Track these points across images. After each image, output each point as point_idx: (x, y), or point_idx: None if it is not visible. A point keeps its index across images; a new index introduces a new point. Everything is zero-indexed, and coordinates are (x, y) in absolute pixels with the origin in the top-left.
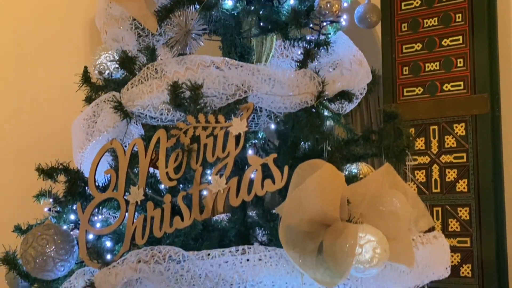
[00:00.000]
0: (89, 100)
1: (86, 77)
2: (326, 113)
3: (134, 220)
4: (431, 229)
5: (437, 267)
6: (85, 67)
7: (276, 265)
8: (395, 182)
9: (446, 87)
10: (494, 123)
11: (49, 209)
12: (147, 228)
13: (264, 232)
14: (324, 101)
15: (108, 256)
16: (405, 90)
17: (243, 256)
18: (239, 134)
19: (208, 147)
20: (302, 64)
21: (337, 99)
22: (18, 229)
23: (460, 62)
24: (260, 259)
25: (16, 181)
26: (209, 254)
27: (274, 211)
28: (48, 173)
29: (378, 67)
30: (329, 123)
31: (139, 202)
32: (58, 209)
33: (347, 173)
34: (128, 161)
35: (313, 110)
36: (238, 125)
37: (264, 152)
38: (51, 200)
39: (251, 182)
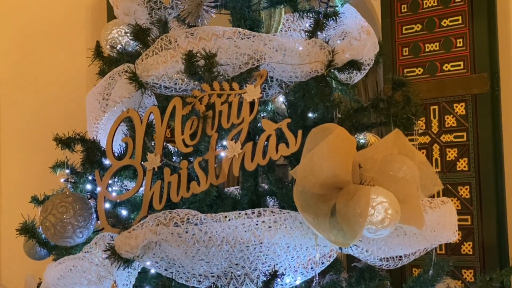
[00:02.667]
0: (102, 73)
1: (98, 52)
2: (334, 84)
3: (152, 186)
4: None
5: (445, 231)
6: (97, 42)
7: (291, 227)
8: (404, 148)
9: (446, 67)
10: (494, 102)
11: (66, 180)
12: (164, 193)
13: (275, 200)
14: (333, 70)
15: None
16: (405, 70)
17: (258, 219)
18: (253, 100)
19: (223, 113)
20: (312, 34)
21: (346, 69)
22: (35, 199)
23: (459, 42)
24: (275, 221)
25: (32, 155)
26: (226, 217)
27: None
28: (65, 142)
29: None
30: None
31: (156, 169)
32: (74, 179)
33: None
34: (145, 129)
35: (323, 78)
36: (252, 92)
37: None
38: (67, 171)
39: (265, 146)
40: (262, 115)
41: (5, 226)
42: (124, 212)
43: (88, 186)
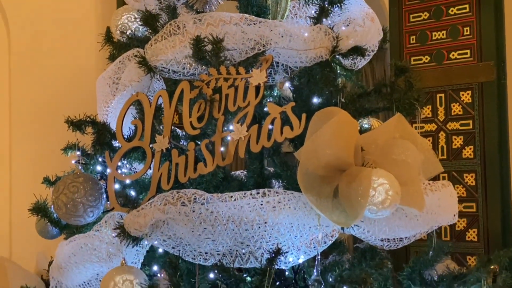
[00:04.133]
0: (112, 58)
1: (108, 37)
2: (339, 71)
3: (160, 168)
4: None
5: (445, 214)
6: (108, 27)
7: (295, 207)
8: (405, 131)
9: (453, 55)
10: (500, 90)
11: (77, 161)
12: (172, 174)
13: (280, 183)
14: (338, 56)
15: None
16: (412, 58)
17: (263, 199)
18: (259, 84)
19: (230, 97)
20: (317, 20)
21: (350, 54)
22: (47, 180)
23: (466, 31)
24: (279, 202)
25: (43, 137)
26: (231, 197)
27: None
28: (77, 124)
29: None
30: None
31: (164, 151)
32: (85, 161)
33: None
34: (154, 111)
35: (328, 64)
36: (257, 76)
37: None
38: (78, 152)
39: (270, 130)
40: (268, 100)
41: (16, 206)
42: (133, 193)
43: (98, 168)
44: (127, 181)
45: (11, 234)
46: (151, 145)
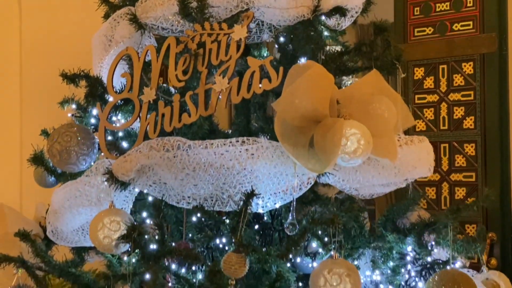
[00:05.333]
0: (107, 16)
1: None
2: (326, 33)
3: (147, 118)
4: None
5: (420, 167)
6: None
7: (272, 155)
8: (381, 87)
9: (456, 26)
10: (502, 62)
11: (72, 115)
12: (158, 123)
13: (266, 138)
14: (321, 16)
15: None
16: (416, 30)
17: (242, 147)
18: (240, 39)
19: (213, 51)
20: None
21: (332, 14)
22: (44, 132)
23: (469, 2)
24: (257, 150)
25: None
26: (212, 144)
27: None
28: (71, 78)
29: (390, 8)
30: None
31: (151, 101)
32: (80, 114)
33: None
34: (142, 65)
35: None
36: (239, 32)
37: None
38: (73, 106)
39: (250, 82)
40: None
41: (26, 177)
42: (125, 145)
43: (92, 121)
44: (120, 134)
45: (22, 204)
46: (139, 97)
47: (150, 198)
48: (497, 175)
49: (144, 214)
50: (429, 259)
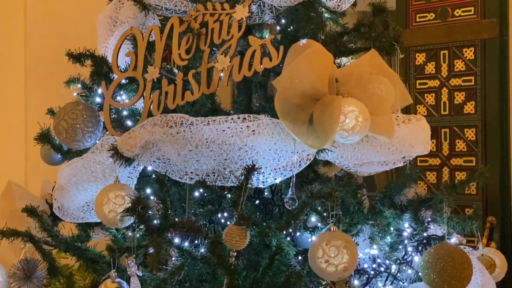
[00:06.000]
0: None
1: None
2: (326, 15)
3: (151, 96)
4: None
5: (418, 145)
6: None
7: (273, 132)
8: (379, 66)
9: (457, 12)
10: (502, 47)
11: (78, 94)
12: (162, 101)
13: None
14: None
15: None
16: (417, 16)
17: (243, 123)
18: (242, 19)
19: (215, 31)
20: None
21: None
22: (50, 111)
23: None
24: (258, 126)
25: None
26: (214, 120)
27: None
28: (76, 57)
29: None
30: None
31: (155, 80)
32: (86, 93)
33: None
34: (146, 44)
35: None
36: (240, 11)
37: None
38: (79, 85)
39: (251, 61)
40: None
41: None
42: (129, 123)
43: (98, 99)
44: (124, 113)
45: (27, 183)
46: (143, 75)
47: (154, 176)
48: (497, 159)
49: (148, 191)
50: (425, 234)
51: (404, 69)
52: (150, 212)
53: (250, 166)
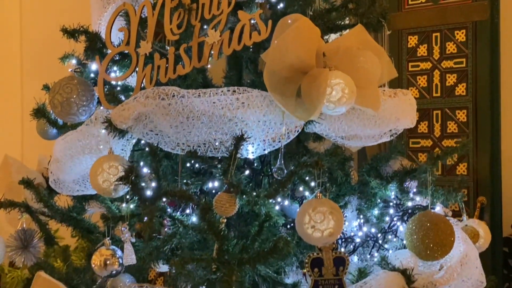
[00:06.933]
0: None
1: None
2: None
3: (144, 70)
4: None
5: (403, 118)
6: None
7: (262, 104)
8: (366, 41)
9: None
10: (493, 29)
11: (73, 70)
12: (154, 75)
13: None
14: None
15: None
16: None
17: (233, 96)
18: None
19: (206, 6)
20: None
21: None
22: (46, 87)
23: None
24: (247, 98)
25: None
26: (205, 93)
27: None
28: (70, 33)
29: None
30: None
31: (147, 54)
32: (80, 69)
33: None
34: (139, 19)
35: None
36: None
37: None
38: (74, 61)
39: (240, 34)
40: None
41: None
42: (123, 98)
43: (92, 75)
44: (118, 88)
45: (23, 157)
46: (136, 50)
47: (147, 149)
48: (487, 140)
49: (141, 163)
50: (410, 204)
51: (397, 52)
52: (143, 184)
53: (239, 136)
